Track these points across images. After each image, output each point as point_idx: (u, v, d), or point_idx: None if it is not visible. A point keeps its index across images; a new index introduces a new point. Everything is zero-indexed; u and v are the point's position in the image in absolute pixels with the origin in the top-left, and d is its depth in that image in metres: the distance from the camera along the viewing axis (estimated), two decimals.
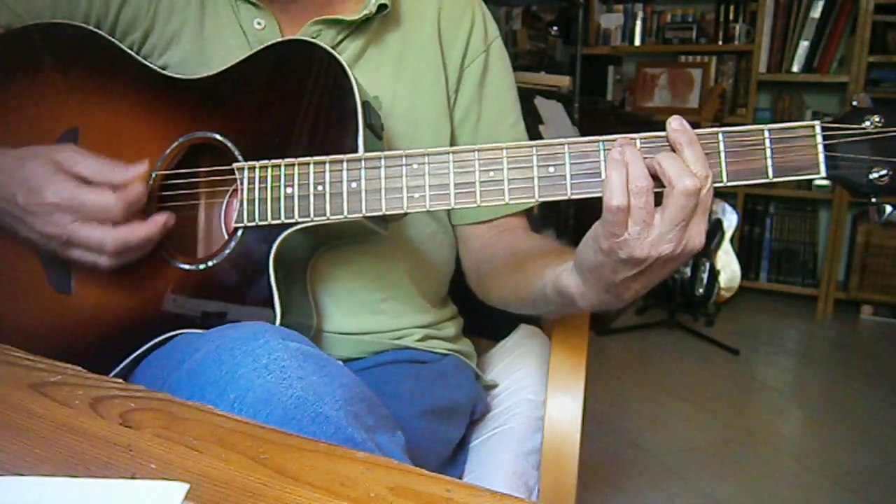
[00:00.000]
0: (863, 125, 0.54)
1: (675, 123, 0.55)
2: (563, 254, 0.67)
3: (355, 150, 0.63)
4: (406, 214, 0.64)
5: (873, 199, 0.55)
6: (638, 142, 0.56)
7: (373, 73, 0.77)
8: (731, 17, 3.30)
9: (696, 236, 0.54)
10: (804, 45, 3.09)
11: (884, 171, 0.54)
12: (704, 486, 1.73)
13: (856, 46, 2.95)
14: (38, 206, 0.63)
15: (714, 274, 2.81)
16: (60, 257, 0.66)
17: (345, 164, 0.62)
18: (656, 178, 0.54)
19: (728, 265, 2.90)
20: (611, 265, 0.55)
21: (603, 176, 0.57)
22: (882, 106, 0.54)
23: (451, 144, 0.84)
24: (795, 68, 3.13)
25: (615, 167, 0.53)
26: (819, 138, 0.55)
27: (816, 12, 3.05)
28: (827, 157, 0.55)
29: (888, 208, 0.55)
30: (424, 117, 0.80)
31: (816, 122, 0.55)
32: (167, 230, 0.67)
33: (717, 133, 0.56)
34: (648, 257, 0.54)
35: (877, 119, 0.54)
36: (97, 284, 0.70)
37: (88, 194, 0.63)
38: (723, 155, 0.56)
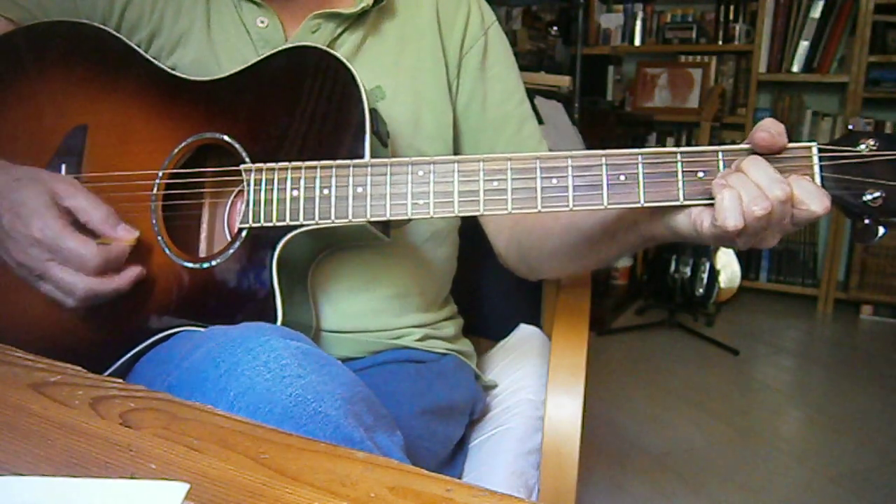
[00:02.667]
0: (858, 148, 0.56)
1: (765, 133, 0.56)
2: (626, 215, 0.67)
3: (362, 157, 0.64)
4: (409, 220, 0.64)
5: (866, 221, 0.56)
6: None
7: (373, 64, 0.78)
8: (731, 17, 3.30)
9: (796, 220, 0.56)
10: (804, 45, 3.09)
11: (877, 194, 0.55)
12: (704, 486, 1.73)
13: (856, 46, 2.95)
14: (21, 235, 0.62)
15: (714, 274, 2.81)
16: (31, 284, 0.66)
17: (351, 170, 0.63)
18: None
19: (728, 265, 2.90)
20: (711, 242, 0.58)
21: (604, 188, 0.58)
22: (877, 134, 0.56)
23: (455, 130, 0.84)
24: (795, 68, 3.13)
25: (728, 191, 0.54)
26: (815, 159, 0.56)
27: (816, 12, 3.06)
28: (823, 178, 0.56)
29: (881, 230, 0.56)
30: (427, 104, 0.81)
31: (813, 144, 0.57)
32: (138, 282, 0.67)
33: (717, 151, 0.57)
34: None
35: (871, 143, 0.55)
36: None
37: (71, 241, 0.62)
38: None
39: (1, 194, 0.64)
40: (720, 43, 3.33)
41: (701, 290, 2.80)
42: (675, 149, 0.58)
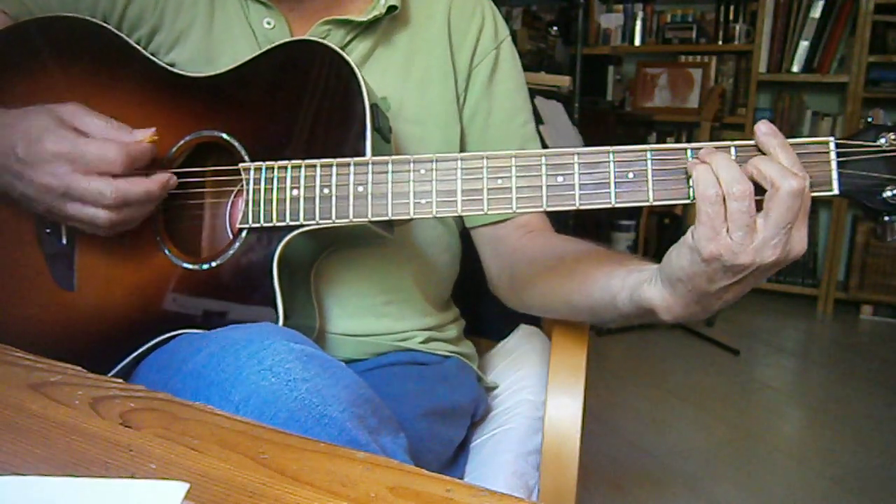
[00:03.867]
0: (877, 142, 0.53)
1: (765, 128, 0.54)
2: (624, 261, 0.65)
3: (363, 154, 0.63)
4: (412, 220, 0.63)
5: (886, 218, 0.54)
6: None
7: (381, 74, 0.77)
8: (731, 17, 3.30)
9: (799, 241, 0.53)
10: (804, 45, 3.09)
11: None
12: (704, 486, 1.73)
13: (856, 46, 2.95)
14: (38, 155, 0.61)
15: None
16: (57, 215, 0.64)
17: (352, 168, 0.62)
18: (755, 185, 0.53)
19: None
20: (708, 274, 0.53)
21: (612, 186, 0.57)
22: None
23: (461, 144, 0.83)
24: (795, 68, 3.13)
25: (697, 164, 0.53)
26: (833, 155, 0.54)
27: (816, 12, 3.06)
28: (840, 174, 0.54)
29: None
30: (433, 118, 0.80)
31: (831, 139, 0.55)
32: (169, 189, 0.66)
33: (729, 147, 0.56)
34: (752, 264, 0.52)
35: (892, 136, 0.53)
36: (100, 281, 0.70)
37: (90, 145, 0.62)
38: None
39: (11, 127, 0.64)
40: (720, 43, 3.34)
41: None
42: (686, 145, 0.56)
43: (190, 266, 0.68)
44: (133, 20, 0.77)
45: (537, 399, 0.86)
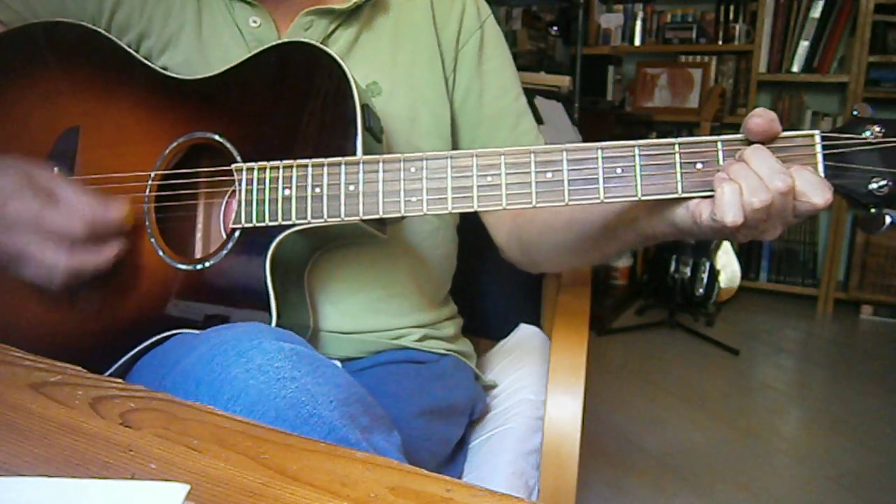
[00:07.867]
0: (863, 135, 0.54)
1: (756, 126, 0.55)
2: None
3: (354, 153, 0.63)
4: (403, 218, 0.64)
5: (872, 210, 0.55)
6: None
7: (369, 59, 0.78)
8: (731, 17, 3.30)
9: (798, 212, 0.54)
10: (804, 45, 3.09)
11: (884, 182, 0.53)
12: (704, 486, 1.73)
13: (856, 46, 2.95)
14: (0, 216, 0.61)
15: (714, 274, 2.81)
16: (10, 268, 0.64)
17: (343, 167, 0.62)
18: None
19: (728, 265, 2.90)
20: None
21: (600, 182, 0.57)
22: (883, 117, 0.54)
23: (454, 125, 0.84)
24: (795, 68, 3.13)
25: (729, 185, 0.53)
26: (819, 147, 0.55)
27: (816, 12, 3.05)
28: (826, 167, 0.55)
29: (888, 219, 0.54)
30: (423, 100, 0.80)
31: (816, 132, 0.55)
32: (119, 258, 0.66)
33: (716, 141, 0.56)
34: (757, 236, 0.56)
35: (877, 129, 0.53)
36: (96, 282, 0.70)
37: (54, 215, 0.62)
38: (721, 163, 0.56)
39: None
40: (720, 43, 3.33)
41: (701, 290, 2.80)
42: (673, 140, 0.56)
43: (184, 266, 0.68)
44: (120, 25, 0.77)
45: (537, 398, 0.87)
